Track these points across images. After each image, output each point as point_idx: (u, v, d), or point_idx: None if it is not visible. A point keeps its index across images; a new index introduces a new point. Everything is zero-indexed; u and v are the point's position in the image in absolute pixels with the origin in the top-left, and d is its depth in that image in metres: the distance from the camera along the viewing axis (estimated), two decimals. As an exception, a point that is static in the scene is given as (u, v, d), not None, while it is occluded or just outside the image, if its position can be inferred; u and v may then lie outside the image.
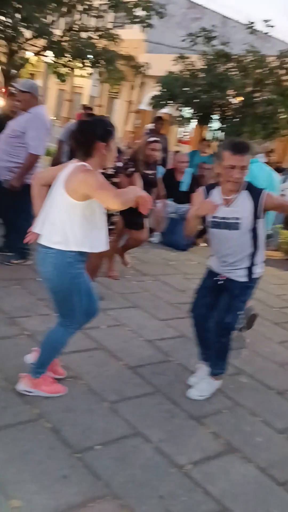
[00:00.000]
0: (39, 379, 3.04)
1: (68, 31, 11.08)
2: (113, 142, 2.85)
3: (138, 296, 5.08)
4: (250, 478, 2.76)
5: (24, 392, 3.01)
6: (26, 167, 4.91)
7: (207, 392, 3.41)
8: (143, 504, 2.41)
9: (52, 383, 3.11)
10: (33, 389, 3.02)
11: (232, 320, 3.33)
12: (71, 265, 2.83)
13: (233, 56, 8.45)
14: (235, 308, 3.33)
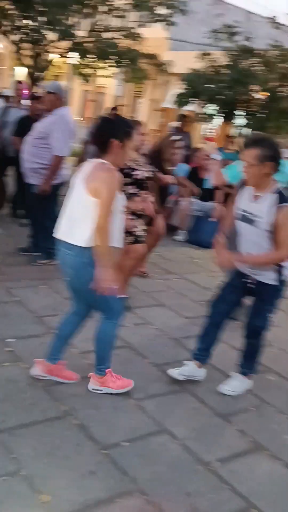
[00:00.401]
0: (105, 376, 3.12)
1: (91, 32, 11.14)
2: (130, 143, 2.89)
3: (164, 295, 5.10)
4: (277, 476, 2.75)
5: (94, 391, 3.11)
6: (52, 169, 4.97)
7: (238, 389, 3.43)
8: (170, 501, 2.43)
9: (118, 379, 3.19)
10: (102, 387, 3.12)
11: (261, 323, 3.34)
12: (89, 264, 2.86)
13: (257, 51, 8.38)
14: (265, 311, 3.33)
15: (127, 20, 11.58)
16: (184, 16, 10.65)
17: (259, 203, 3.11)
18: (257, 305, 3.34)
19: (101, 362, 3.13)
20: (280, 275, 3.23)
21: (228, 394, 3.38)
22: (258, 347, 3.44)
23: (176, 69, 11.20)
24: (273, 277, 3.22)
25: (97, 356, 3.14)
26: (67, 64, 13.55)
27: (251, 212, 3.14)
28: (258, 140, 3.08)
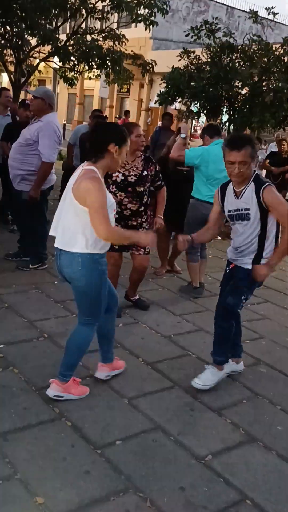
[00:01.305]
0: (68, 382, 3.09)
1: (73, 35, 11.14)
2: (125, 149, 2.93)
3: (155, 293, 5.13)
4: (271, 467, 2.78)
5: (55, 398, 3.05)
6: (41, 176, 4.99)
7: (211, 382, 3.42)
8: (165, 496, 2.45)
9: (78, 385, 3.18)
10: (64, 393, 3.08)
11: (233, 303, 3.35)
12: (98, 262, 2.92)
13: (238, 47, 8.39)
14: (238, 291, 3.35)
15: (109, 21, 11.58)
16: (165, 15, 10.67)
17: (243, 197, 3.24)
18: (232, 284, 3.40)
19: (69, 368, 3.09)
20: (257, 263, 3.30)
21: (200, 388, 3.37)
22: (228, 333, 3.42)
23: (160, 68, 11.22)
24: (249, 262, 3.32)
25: (66, 362, 3.08)
26: (51, 69, 13.56)
27: (241, 208, 3.25)
28: (246, 138, 3.18)
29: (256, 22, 8.58)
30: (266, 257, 3.32)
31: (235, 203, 3.30)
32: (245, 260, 3.35)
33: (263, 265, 3.29)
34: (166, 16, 10.94)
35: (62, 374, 3.08)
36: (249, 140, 3.18)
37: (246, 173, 3.18)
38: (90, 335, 3.11)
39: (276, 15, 8.55)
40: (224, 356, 3.49)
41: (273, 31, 10.33)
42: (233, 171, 3.15)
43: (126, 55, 11.27)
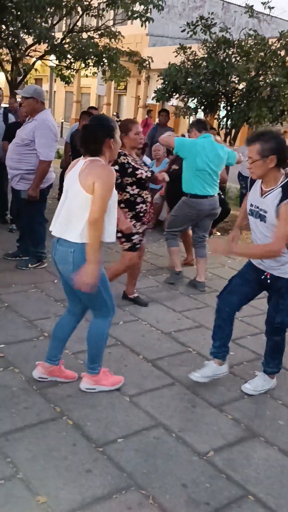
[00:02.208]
0: (98, 375, 3.16)
1: (68, 33, 11.12)
2: (118, 134, 2.95)
3: (154, 290, 5.12)
4: (273, 461, 2.78)
5: (87, 390, 3.14)
6: (40, 175, 4.98)
7: (260, 388, 3.41)
8: (167, 493, 2.45)
9: (110, 376, 3.24)
10: (95, 386, 3.16)
11: (282, 319, 3.25)
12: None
13: (235, 42, 8.38)
14: (284, 306, 3.23)
15: (104, 19, 11.57)
16: (161, 11, 10.65)
17: (267, 198, 3.08)
18: (276, 301, 3.25)
19: (94, 361, 3.16)
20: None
21: (251, 394, 3.36)
22: (282, 345, 3.38)
23: (157, 64, 11.21)
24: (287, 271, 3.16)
25: (90, 355, 3.16)
26: (47, 67, 13.54)
27: (261, 208, 3.12)
28: (259, 134, 3.03)
29: (252, 16, 8.59)
30: None
31: (258, 200, 3.14)
32: (283, 268, 3.15)
33: (224, 243, 3.17)
34: (162, 12, 10.93)
35: (89, 368, 3.16)
36: (260, 136, 2.99)
37: (257, 171, 3.03)
38: (104, 326, 3.14)
39: (272, 9, 8.56)
40: (277, 368, 3.44)
41: (269, 25, 10.36)
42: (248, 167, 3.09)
43: (123, 52, 11.27)
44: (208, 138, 5.14)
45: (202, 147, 5.03)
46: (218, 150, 5.15)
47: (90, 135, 2.90)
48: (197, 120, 5.53)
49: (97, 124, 2.94)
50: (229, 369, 3.56)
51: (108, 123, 2.93)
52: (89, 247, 2.80)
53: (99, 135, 2.87)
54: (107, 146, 2.89)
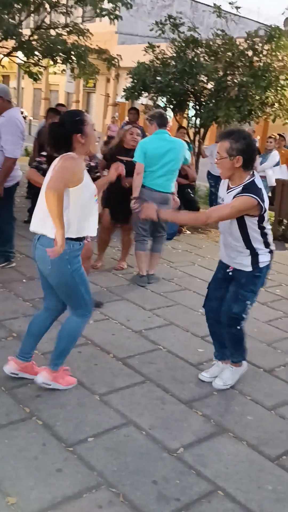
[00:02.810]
0: (57, 372, 3.14)
1: (36, 30, 10.99)
2: (87, 127, 2.91)
3: (125, 289, 5.13)
4: (242, 456, 2.82)
5: (43, 385, 3.11)
6: (5, 172, 4.92)
7: (231, 380, 3.44)
8: (137, 491, 2.47)
9: (67, 376, 3.22)
10: (52, 382, 3.13)
11: (239, 311, 3.27)
12: (69, 262, 2.91)
13: (203, 41, 8.43)
14: (242, 297, 3.27)
15: (73, 16, 11.47)
16: (130, 9, 10.63)
17: (230, 194, 3.16)
18: (234, 291, 3.31)
19: (60, 357, 3.16)
20: (256, 262, 3.23)
21: (223, 388, 3.39)
22: (240, 336, 3.39)
23: (126, 62, 11.18)
24: (248, 264, 3.24)
25: (58, 351, 3.15)
26: (15, 64, 13.35)
27: (225, 202, 3.20)
28: (230, 133, 3.08)
29: (220, 16, 8.64)
30: (263, 254, 3.24)
31: (224, 194, 3.24)
32: (244, 262, 3.24)
33: (157, 209, 3.18)
34: (130, 10, 10.90)
35: (53, 363, 3.14)
36: (230, 134, 3.05)
37: (223, 168, 3.09)
38: (80, 325, 3.15)
39: (239, 9, 8.64)
40: (241, 356, 3.46)
41: (237, 25, 10.43)
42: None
43: (91, 50, 11.19)
44: (160, 135, 5.22)
45: (154, 148, 5.12)
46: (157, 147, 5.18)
47: (54, 137, 2.91)
48: (161, 115, 5.42)
49: (59, 124, 2.93)
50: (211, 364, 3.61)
51: (71, 120, 2.90)
52: (50, 215, 2.75)
53: (62, 135, 2.87)
54: (76, 142, 2.89)
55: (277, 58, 8.20)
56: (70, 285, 2.99)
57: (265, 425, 3.13)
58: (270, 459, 2.82)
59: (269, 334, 4.45)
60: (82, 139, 2.89)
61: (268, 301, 5.21)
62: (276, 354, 4.09)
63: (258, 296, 3.40)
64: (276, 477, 2.69)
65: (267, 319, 4.77)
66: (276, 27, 7.97)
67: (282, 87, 8.08)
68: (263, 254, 3.25)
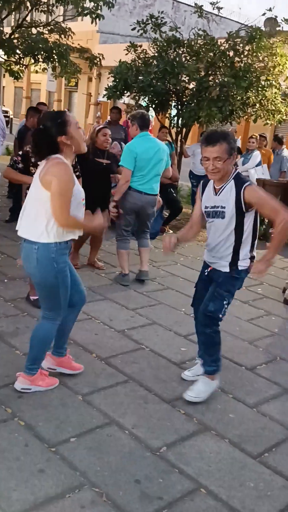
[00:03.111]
0: (35, 375, 3.12)
1: (17, 28, 10.91)
2: (71, 127, 2.87)
3: (108, 288, 5.12)
4: (224, 454, 2.84)
5: (22, 390, 3.09)
6: None
7: (204, 394, 3.29)
8: (120, 490, 2.47)
9: (46, 377, 3.21)
10: (31, 386, 3.11)
11: (215, 309, 3.21)
12: (54, 260, 2.89)
13: (184, 41, 8.45)
14: (219, 296, 3.23)
15: (54, 14, 11.41)
16: (111, 8, 10.61)
17: (221, 194, 3.16)
18: (212, 289, 3.29)
19: (34, 361, 3.13)
20: (234, 264, 3.22)
21: (192, 401, 3.24)
22: (214, 339, 3.30)
23: (108, 62, 11.16)
24: (226, 265, 3.23)
25: (32, 356, 3.13)
26: (-4, 62, 13.23)
27: (217, 205, 3.17)
28: (223, 134, 3.09)
29: (201, 16, 8.67)
30: (244, 259, 3.23)
31: (213, 199, 3.21)
32: (222, 263, 3.25)
33: (260, 262, 3.13)
34: (112, 9, 10.89)
35: (28, 368, 3.12)
36: (225, 136, 3.07)
37: (224, 169, 3.09)
38: (51, 330, 3.13)
39: (221, 9, 8.68)
40: (215, 365, 3.33)
41: (218, 25, 10.47)
42: (208, 167, 3.09)
43: (73, 49, 11.15)
44: (144, 137, 5.17)
45: (142, 151, 5.06)
46: (156, 148, 5.19)
47: (39, 144, 2.89)
48: (142, 115, 5.26)
49: (42, 130, 2.88)
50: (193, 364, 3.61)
51: (53, 123, 2.86)
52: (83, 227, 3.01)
53: (47, 140, 2.84)
54: (62, 145, 2.86)
55: (258, 58, 8.27)
56: (52, 285, 2.97)
57: (247, 422, 3.15)
58: (252, 456, 2.85)
59: (250, 332, 4.48)
60: (67, 140, 2.86)
61: (249, 300, 5.25)
62: (258, 352, 4.12)
63: (240, 294, 3.43)
64: (258, 474, 2.71)
65: (248, 318, 4.80)
66: (257, 28, 8.03)
67: (263, 88, 8.15)
68: (243, 259, 3.24)
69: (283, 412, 3.31)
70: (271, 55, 8.26)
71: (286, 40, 8.43)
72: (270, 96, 8.29)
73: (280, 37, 8.40)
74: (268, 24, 9.24)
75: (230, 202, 3.13)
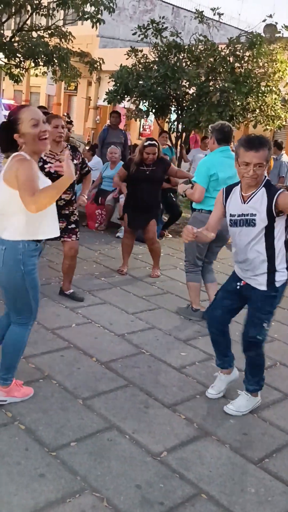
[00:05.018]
0: (10, 386, 3.02)
1: (18, 31, 10.96)
2: (22, 126, 2.75)
3: (108, 292, 5.12)
4: (225, 459, 2.83)
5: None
6: None
7: (244, 409, 3.27)
8: (121, 495, 2.46)
9: (21, 387, 3.11)
10: (6, 397, 3.01)
11: (257, 334, 3.14)
12: (22, 261, 2.80)
13: (185, 47, 8.50)
14: (259, 320, 3.14)
15: (55, 18, 11.46)
16: (112, 13, 10.67)
17: (251, 201, 3.03)
18: (251, 314, 3.18)
19: (9, 371, 3.02)
20: (272, 281, 3.09)
21: (233, 414, 3.24)
22: (259, 360, 3.26)
23: (108, 66, 11.22)
24: (264, 282, 3.10)
25: (5, 367, 3.00)
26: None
27: (247, 213, 3.04)
28: (263, 140, 2.97)
29: (201, 22, 8.71)
30: (281, 272, 3.08)
31: (240, 207, 3.06)
32: (259, 279, 3.08)
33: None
34: (112, 14, 10.95)
35: (2, 378, 3.00)
36: (267, 142, 2.97)
37: (261, 176, 2.99)
38: (24, 335, 3.01)
39: (221, 15, 8.73)
40: (258, 385, 3.30)
41: (219, 31, 10.52)
42: (247, 173, 2.95)
43: (73, 53, 11.20)
44: (225, 153, 4.52)
45: (220, 163, 4.45)
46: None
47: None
48: (221, 127, 4.55)
49: (2, 125, 2.82)
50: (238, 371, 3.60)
51: (8, 119, 2.79)
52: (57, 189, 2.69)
53: (3, 136, 2.79)
54: (19, 141, 2.77)
55: (258, 64, 8.32)
56: (19, 287, 2.85)
57: (247, 428, 3.15)
58: (252, 462, 2.84)
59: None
60: (20, 139, 2.77)
61: (249, 305, 5.23)
62: (258, 358, 4.11)
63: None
64: (259, 480, 2.71)
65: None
66: (257, 34, 8.08)
67: (263, 94, 8.19)
68: (281, 271, 3.09)
69: (283, 417, 3.30)
70: (271, 61, 8.31)
71: (286, 47, 8.48)
72: (270, 102, 8.33)
73: (280, 43, 8.45)
74: (268, 31, 9.28)
75: (262, 210, 2.98)
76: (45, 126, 2.80)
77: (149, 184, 5.53)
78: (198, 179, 4.50)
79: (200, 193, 4.48)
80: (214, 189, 4.45)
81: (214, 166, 4.44)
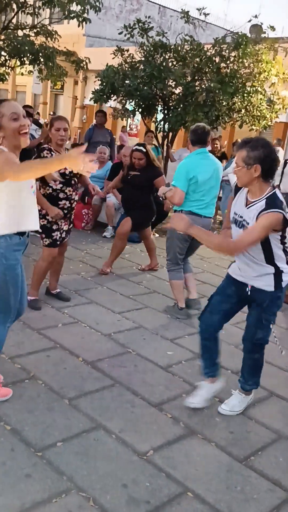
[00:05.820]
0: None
1: (3, 30, 10.87)
2: (3, 118, 2.73)
3: (94, 292, 5.11)
4: (211, 458, 2.85)
5: None
6: None
7: (238, 408, 3.29)
8: (107, 494, 2.46)
9: (0, 388, 3.08)
10: None
11: (263, 335, 3.13)
12: (3, 256, 2.78)
13: (171, 46, 8.50)
14: (267, 321, 3.10)
15: (41, 17, 11.40)
16: (98, 12, 10.64)
17: (250, 209, 2.94)
18: (258, 315, 3.11)
19: None
20: (279, 281, 3.04)
21: (228, 414, 3.25)
22: (261, 362, 3.28)
23: (94, 65, 11.18)
24: (271, 283, 3.04)
25: None
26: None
27: (244, 218, 3.00)
28: (247, 141, 2.90)
29: (188, 22, 8.72)
30: (286, 279, 3.03)
31: (242, 210, 3.01)
32: (266, 280, 3.02)
33: (185, 219, 2.93)
34: (99, 13, 10.92)
35: None
36: (249, 143, 2.86)
37: (241, 179, 2.91)
38: (3, 333, 2.99)
39: (207, 15, 8.74)
40: (255, 385, 3.33)
41: (205, 31, 10.54)
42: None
43: (59, 52, 11.15)
44: (202, 155, 4.56)
45: (197, 165, 4.46)
46: (215, 165, 4.66)
47: None
48: (194, 129, 4.57)
49: None
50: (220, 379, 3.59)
51: None
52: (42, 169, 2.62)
53: None
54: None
55: (243, 65, 8.34)
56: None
57: (233, 426, 3.17)
58: (238, 460, 2.86)
59: (236, 336, 4.48)
60: (0, 133, 2.74)
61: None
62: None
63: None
64: (245, 477, 2.73)
65: (234, 321, 4.74)
66: (243, 34, 8.10)
67: (249, 94, 8.22)
68: (286, 272, 3.05)
69: (269, 415, 3.33)
70: (256, 62, 8.34)
71: (271, 47, 8.52)
72: (256, 102, 8.36)
73: (266, 43, 8.49)
74: (253, 31, 9.32)
75: (253, 222, 2.90)
76: (25, 120, 2.79)
77: (129, 188, 5.78)
78: (177, 183, 4.45)
79: (180, 197, 4.46)
80: (194, 191, 4.47)
81: (193, 169, 4.43)
